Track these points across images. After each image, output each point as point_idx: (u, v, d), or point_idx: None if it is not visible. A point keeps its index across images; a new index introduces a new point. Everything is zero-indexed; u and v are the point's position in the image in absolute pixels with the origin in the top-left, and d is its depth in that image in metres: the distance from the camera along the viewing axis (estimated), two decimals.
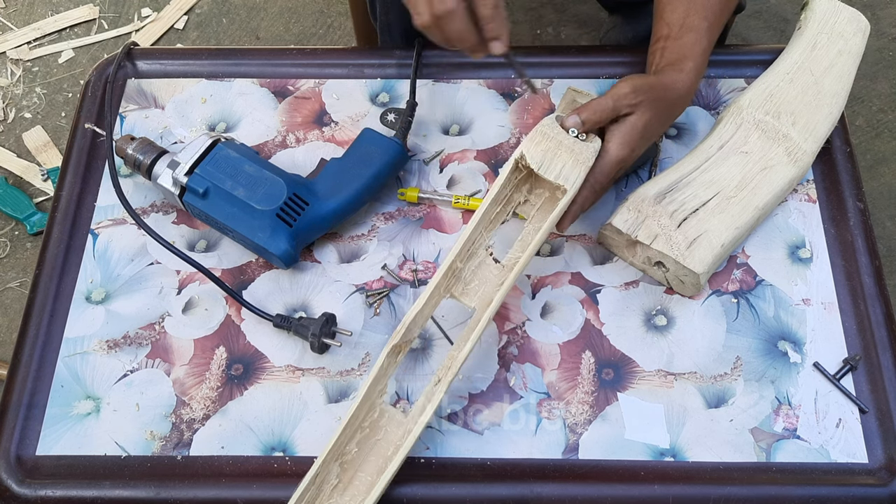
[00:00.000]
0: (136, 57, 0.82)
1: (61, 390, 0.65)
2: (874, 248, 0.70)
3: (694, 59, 0.67)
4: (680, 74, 0.66)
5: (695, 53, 0.67)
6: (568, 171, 0.61)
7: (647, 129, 0.64)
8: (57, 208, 0.73)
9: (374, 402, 0.59)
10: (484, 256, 0.63)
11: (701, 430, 0.63)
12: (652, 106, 0.64)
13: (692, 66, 0.67)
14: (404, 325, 0.58)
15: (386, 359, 0.59)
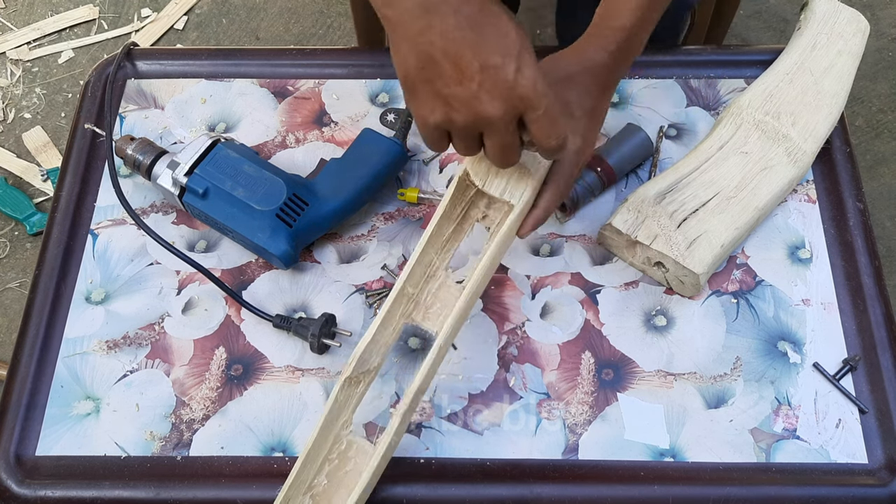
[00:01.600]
0: (136, 57, 0.82)
1: (61, 390, 0.65)
2: (874, 249, 0.70)
3: (622, 20, 0.59)
4: (600, 42, 0.60)
5: (626, 13, 0.59)
6: (514, 184, 0.58)
7: (572, 108, 0.59)
8: (57, 209, 0.73)
9: (340, 435, 0.57)
10: (444, 278, 0.59)
11: (701, 431, 0.63)
12: (570, 88, 0.59)
13: (618, 28, 0.59)
14: (354, 358, 0.56)
15: (341, 393, 0.57)
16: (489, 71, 0.47)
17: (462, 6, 0.47)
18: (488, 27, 0.47)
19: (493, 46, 0.47)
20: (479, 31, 0.47)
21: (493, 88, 0.47)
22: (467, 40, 0.47)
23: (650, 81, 0.79)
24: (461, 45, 0.47)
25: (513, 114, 0.49)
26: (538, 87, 0.48)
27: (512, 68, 0.47)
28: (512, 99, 0.48)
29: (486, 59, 0.47)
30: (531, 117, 0.49)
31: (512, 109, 0.49)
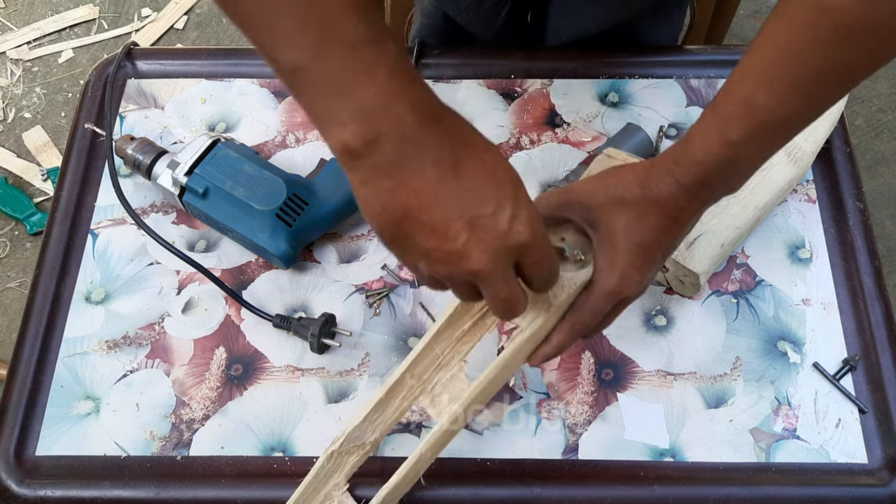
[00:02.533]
0: (136, 57, 0.82)
1: (61, 390, 0.65)
2: (874, 248, 0.70)
3: (703, 150, 0.46)
4: (676, 169, 0.48)
5: (710, 142, 0.46)
6: (528, 307, 0.47)
7: (615, 239, 0.48)
8: (57, 208, 0.73)
9: (332, 494, 0.56)
10: (457, 370, 0.54)
11: (700, 431, 0.63)
12: (629, 213, 0.48)
13: (696, 158, 0.47)
14: (343, 434, 0.54)
15: (328, 463, 0.55)
16: (479, 223, 0.41)
17: (442, 154, 0.40)
18: (474, 171, 0.41)
19: (481, 194, 0.41)
20: (464, 179, 0.40)
21: (483, 241, 0.41)
22: (450, 192, 0.40)
23: (650, 81, 0.79)
24: (443, 200, 0.40)
25: (507, 264, 0.43)
26: (536, 231, 0.43)
27: (506, 216, 0.41)
28: (506, 249, 0.42)
29: (475, 211, 0.40)
30: (527, 260, 0.44)
31: (506, 260, 0.42)
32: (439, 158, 0.40)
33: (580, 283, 0.50)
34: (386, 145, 0.39)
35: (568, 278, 0.50)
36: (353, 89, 0.38)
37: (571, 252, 0.51)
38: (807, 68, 0.43)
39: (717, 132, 0.46)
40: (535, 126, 0.77)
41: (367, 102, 0.38)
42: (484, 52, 0.83)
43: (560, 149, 0.76)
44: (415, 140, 0.39)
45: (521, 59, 0.80)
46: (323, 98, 0.39)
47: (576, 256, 0.51)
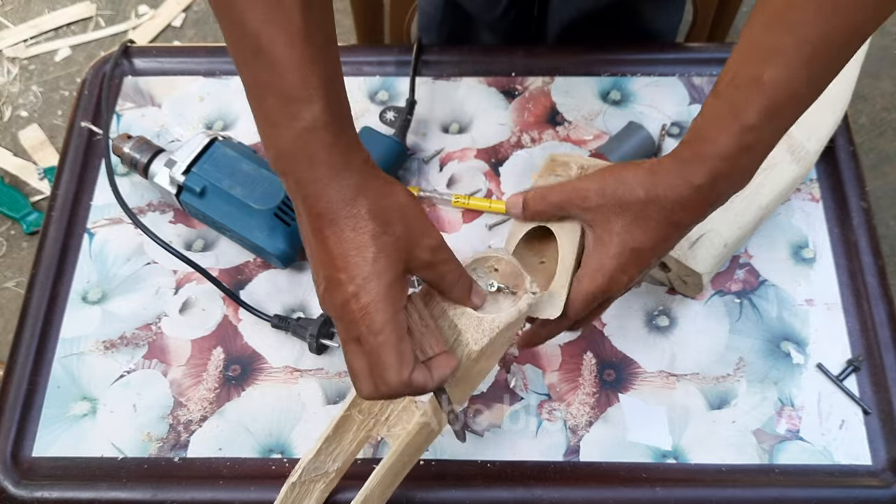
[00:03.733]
0: (133, 55, 0.81)
1: (57, 391, 0.65)
2: (878, 248, 0.69)
3: (718, 141, 0.45)
4: (686, 169, 0.46)
5: (724, 131, 0.45)
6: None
7: (609, 243, 0.48)
8: (53, 207, 0.73)
9: None
10: (408, 402, 0.53)
11: (703, 432, 0.62)
12: (627, 217, 0.48)
13: (711, 152, 0.45)
14: (300, 467, 0.54)
15: (291, 493, 0.54)
16: (328, 287, 0.45)
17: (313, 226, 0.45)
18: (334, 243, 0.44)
19: (335, 264, 0.44)
20: (325, 248, 0.44)
21: (329, 303, 0.45)
22: (316, 257, 0.45)
23: (652, 79, 0.78)
24: (315, 260, 0.45)
25: (344, 334, 0.45)
26: (361, 309, 0.43)
27: (344, 291, 0.44)
28: (341, 321, 0.45)
29: (327, 274, 0.44)
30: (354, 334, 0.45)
31: (341, 330, 0.45)
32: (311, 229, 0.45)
33: (503, 324, 0.47)
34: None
35: (489, 321, 0.47)
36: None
37: (501, 286, 0.49)
38: (811, 33, 0.42)
39: (731, 119, 0.44)
40: (536, 124, 0.76)
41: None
42: (485, 50, 0.82)
43: (561, 147, 0.75)
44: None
45: (522, 56, 0.80)
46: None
47: (509, 289, 0.49)
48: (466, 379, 0.49)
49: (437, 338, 0.47)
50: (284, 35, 0.42)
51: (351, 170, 0.44)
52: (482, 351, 0.47)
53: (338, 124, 0.44)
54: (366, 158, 0.45)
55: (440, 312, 0.48)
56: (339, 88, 0.45)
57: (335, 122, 0.43)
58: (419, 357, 0.45)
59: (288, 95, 0.43)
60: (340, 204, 0.43)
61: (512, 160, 0.74)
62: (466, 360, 0.47)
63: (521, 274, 0.49)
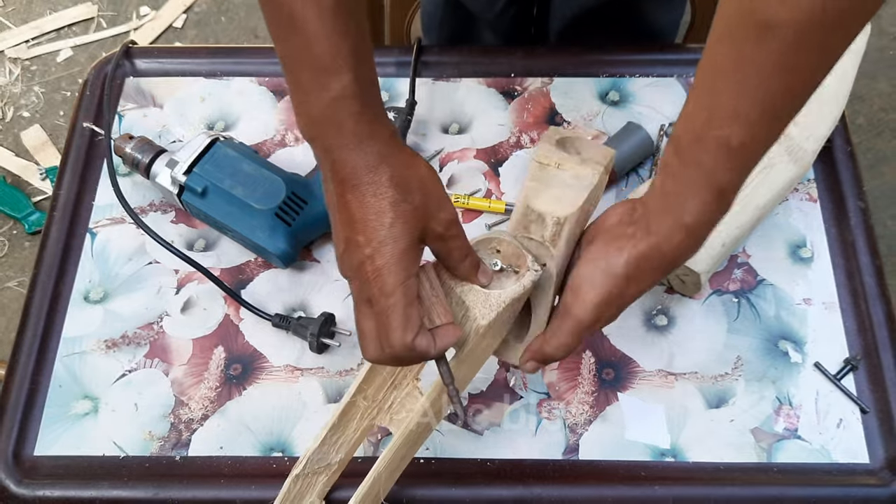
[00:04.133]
0: (135, 55, 0.82)
1: (59, 390, 0.65)
2: (875, 248, 0.69)
3: (692, 210, 0.45)
4: (664, 241, 0.47)
5: (698, 198, 0.45)
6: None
7: (621, 278, 0.48)
8: (55, 207, 0.73)
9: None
10: (411, 388, 0.54)
11: (701, 431, 0.62)
12: (611, 286, 0.48)
13: (687, 223, 0.46)
14: (305, 457, 0.54)
15: (295, 486, 0.54)
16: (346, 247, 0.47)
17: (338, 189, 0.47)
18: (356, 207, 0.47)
19: (355, 227, 0.46)
20: (347, 212, 0.47)
21: (346, 265, 0.47)
22: (337, 221, 0.48)
23: (651, 80, 0.79)
24: (335, 224, 0.48)
25: (357, 294, 0.47)
26: (373, 268, 0.46)
27: (359, 253, 0.46)
28: (356, 280, 0.47)
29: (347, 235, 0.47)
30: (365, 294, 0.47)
31: (354, 290, 0.47)
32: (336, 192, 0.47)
33: (509, 299, 0.49)
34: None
35: (496, 296, 0.49)
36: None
37: (504, 266, 0.51)
38: (773, 88, 0.41)
39: (706, 185, 0.45)
40: (535, 125, 0.77)
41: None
42: (484, 51, 0.83)
43: None
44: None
45: (521, 57, 0.80)
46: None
47: (511, 269, 0.50)
48: (472, 357, 0.51)
49: (446, 309, 0.48)
50: (315, 8, 0.44)
51: (376, 139, 0.46)
52: (489, 325, 0.48)
53: (365, 95, 0.46)
54: (392, 130, 0.47)
55: (448, 289, 0.50)
56: (367, 60, 0.47)
57: (363, 92, 0.45)
58: (427, 325, 0.47)
59: (318, 66, 0.45)
60: (364, 170, 0.45)
61: (511, 160, 0.75)
62: (475, 334, 0.49)
63: (522, 254, 0.50)
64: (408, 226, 0.46)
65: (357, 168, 0.46)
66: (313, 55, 0.45)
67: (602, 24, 0.85)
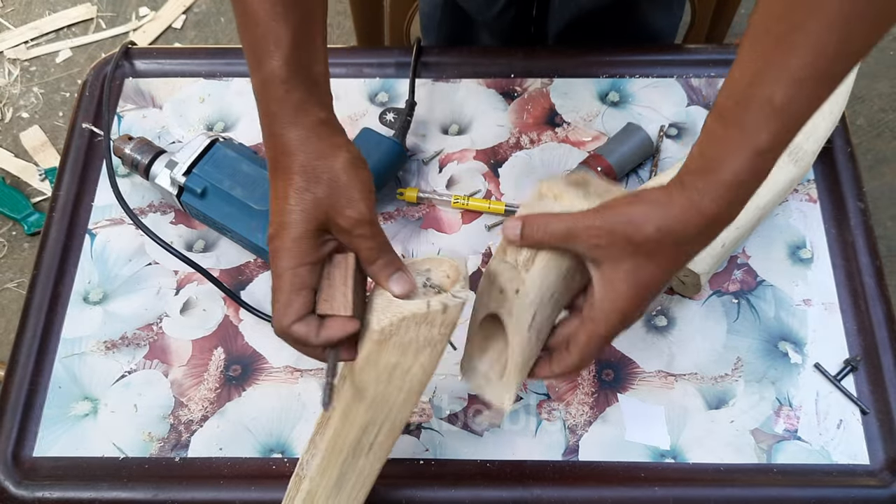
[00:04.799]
0: (134, 56, 0.82)
1: (59, 391, 0.65)
2: (875, 248, 0.69)
3: (731, 169, 0.43)
4: (699, 201, 0.43)
5: (738, 157, 0.43)
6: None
7: (643, 286, 0.45)
8: (54, 208, 0.73)
9: None
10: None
11: (701, 432, 0.62)
12: (637, 255, 0.45)
13: (725, 180, 0.43)
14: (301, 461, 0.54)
15: (297, 486, 0.54)
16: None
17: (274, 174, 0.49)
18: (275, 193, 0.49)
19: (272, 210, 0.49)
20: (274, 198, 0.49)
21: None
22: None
23: (651, 80, 0.79)
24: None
25: (275, 273, 0.48)
26: (276, 246, 0.48)
27: (273, 239, 0.48)
28: (270, 254, 0.49)
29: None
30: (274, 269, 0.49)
31: (273, 268, 0.48)
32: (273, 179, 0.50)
33: (409, 312, 0.46)
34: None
35: (397, 305, 0.47)
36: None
37: (430, 284, 0.50)
38: (823, 48, 0.40)
39: (744, 144, 0.42)
40: (535, 125, 0.77)
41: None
42: (484, 52, 0.83)
43: (560, 148, 0.75)
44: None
45: (521, 58, 0.80)
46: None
47: (434, 289, 0.49)
48: (375, 366, 0.48)
49: (346, 302, 0.47)
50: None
51: (297, 125, 0.48)
52: (382, 333, 0.46)
53: (295, 80, 0.47)
54: (321, 119, 0.48)
55: (362, 287, 0.50)
56: (307, 47, 0.48)
57: (291, 78, 0.47)
58: (324, 311, 0.47)
59: (255, 47, 0.48)
60: (280, 154, 0.48)
61: (511, 161, 0.75)
62: (369, 340, 0.47)
63: (460, 281, 0.49)
64: (306, 214, 0.47)
65: (275, 150, 0.48)
66: (252, 35, 0.48)
67: (601, 27, 0.85)
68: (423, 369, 0.49)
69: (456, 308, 0.47)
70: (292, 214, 0.47)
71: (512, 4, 0.85)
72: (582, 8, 0.83)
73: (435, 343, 0.48)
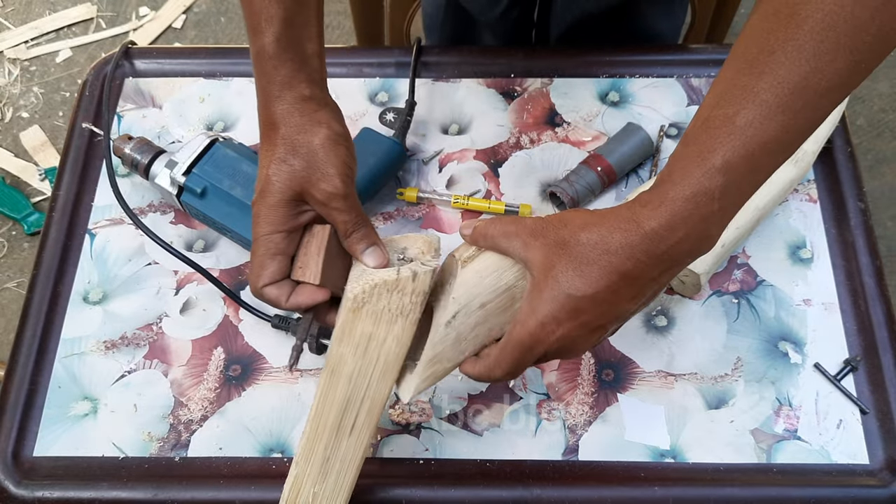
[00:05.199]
0: (134, 56, 0.82)
1: (59, 391, 0.65)
2: (875, 248, 0.69)
3: (680, 184, 0.41)
4: (639, 213, 0.42)
5: (688, 174, 0.41)
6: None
7: (566, 295, 0.43)
8: (54, 208, 0.73)
9: None
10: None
11: (701, 431, 0.62)
12: (566, 259, 0.43)
13: (669, 194, 0.41)
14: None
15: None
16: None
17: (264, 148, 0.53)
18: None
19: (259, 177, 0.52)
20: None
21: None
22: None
23: (651, 80, 0.79)
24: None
25: (255, 229, 0.52)
26: (258, 209, 0.51)
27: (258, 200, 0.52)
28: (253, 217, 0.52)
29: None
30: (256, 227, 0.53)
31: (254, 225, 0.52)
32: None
33: (380, 279, 0.48)
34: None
35: (369, 273, 0.49)
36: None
37: (402, 258, 0.52)
38: (789, 77, 0.39)
39: (697, 161, 0.40)
40: (535, 125, 0.77)
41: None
42: (484, 51, 0.83)
43: (560, 148, 0.75)
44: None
45: (521, 58, 0.80)
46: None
47: (406, 260, 0.51)
48: (351, 336, 0.49)
49: (318, 270, 0.50)
50: None
51: (282, 100, 0.51)
52: (356, 301, 0.48)
53: (284, 57, 0.50)
54: (305, 95, 0.51)
55: (341, 258, 0.52)
56: (300, 26, 0.51)
57: (280, 54, 0.50)
58: (298, 278, 0.51)
59: (251, 23, 0.51)
60: (266, 126, 0.52)
61: (511, 161, 0.75)
62: (344, 308, 0.49)
63: (430, 252, 0.51)
64: (282, 184, 0.50)
65: (263, 121, 0.52)
66: (248, 12, 0.51)
67: (603, 29, 0.85)
68: (397, 340, 0.50)
69: (426, 275, 0.48)
70: (270, 185, 0.50)
71: (515, 5, 0.85)
72: (584, 11, 0.83)
73: (407, 312, 0.49)
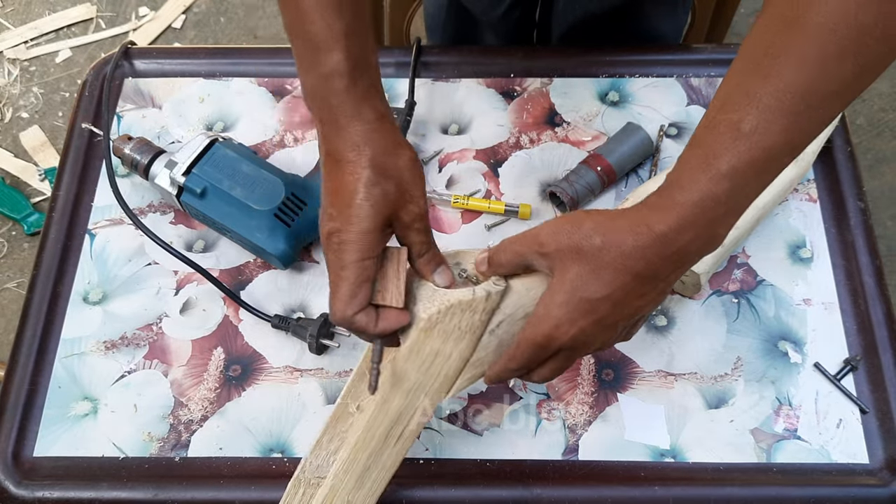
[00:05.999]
0: (134, 56, 0.82)
1: (59, 391, 0.65)
2: (875, 248, 0.69)
3: (687, 188, 0.42)
4: (650, 215, 0.43)
5: (695, 178, 0.42)
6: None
7: (581, 299, 0.45)
8: (54, 208, 0.73)
9: None
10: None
11: (701, 431, 0.62)
12: (582, 264, 0.45)
13: (677, 198, 0.43)
14: (304, 461, 0.53)
15: (295, 490, 0.53)
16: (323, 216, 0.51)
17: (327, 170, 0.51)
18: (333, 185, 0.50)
19: (326, 200, 0.51)
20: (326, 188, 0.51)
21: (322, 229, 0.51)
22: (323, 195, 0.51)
23: (651, 80, 0.79)
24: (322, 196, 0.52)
25: (329, 251, 0.50)
26: (331, 236, 0.49)
27: (326, 220, 0.50)
28: (323, 237, 0.51)
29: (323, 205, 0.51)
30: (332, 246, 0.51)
31: (327, 247, 0.50)
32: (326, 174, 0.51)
33: (455, 300, 0.48)
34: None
35: (442, 294, 0.49)
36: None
37: (464, 275, 0.52)
38: (792, 83, 0.40)
39: (704, 166, 0.42)
40: (534, 125, 0.77)
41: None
42: (483, 51, 0.83)
43: (560, 148, 0.75)
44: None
45: (520, 57, 0.80)
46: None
47: (469, 280, 0.52)
48: (419, 356, 0.50)
49: (400, 294, 0.49)
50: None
51: (362, 119, 0.48)
52: (430, 321, 0.49)
53: (356, 74, 0.48)
54: (382, 112, 0.49)
55: (411, 280, 0.52)
56: (361, 39, 0.48)
57: (352, 71, 0.47)
58: (380, 302, 0.49)
59: (312, 42, 0.47)
60: (346, 148, 0.48)
61: (511, 161, 0.75)
62: (416, 328, 0.49)
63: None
64: (375, 209, 0.48)
65: (340, 145, 0.48)
66: (307, 31, 0.47)
67: (605, 30, 0.85)
68: (461, 356, 0.51)
69: (497, 294, 0.49)
70: (362, 210, 0.47)
71: (517, 5, 0.85)
72: (586, 12, 0.83)
73: (475, 329, 0.50)
